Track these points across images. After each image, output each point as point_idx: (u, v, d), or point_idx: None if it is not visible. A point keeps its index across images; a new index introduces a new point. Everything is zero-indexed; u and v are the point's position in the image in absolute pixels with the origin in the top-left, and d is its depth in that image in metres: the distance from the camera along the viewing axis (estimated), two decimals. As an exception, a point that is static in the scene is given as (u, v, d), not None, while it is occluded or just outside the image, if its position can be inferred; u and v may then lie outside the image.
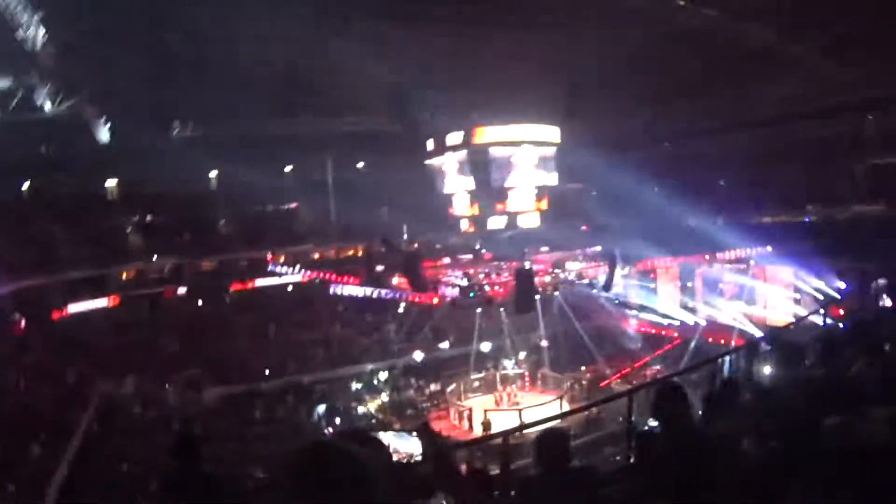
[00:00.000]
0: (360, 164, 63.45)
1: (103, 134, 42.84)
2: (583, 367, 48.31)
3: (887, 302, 29.99)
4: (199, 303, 56.31)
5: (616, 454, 22.69)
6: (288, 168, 63.57)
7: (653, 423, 6.78)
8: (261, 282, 58.30)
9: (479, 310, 48.96)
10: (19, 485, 29.19)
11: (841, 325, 18.22)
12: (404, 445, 30.38)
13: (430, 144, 49.39)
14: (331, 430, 42.08)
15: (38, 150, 46.64)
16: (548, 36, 41.79)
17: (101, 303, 51.47)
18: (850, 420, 4.98)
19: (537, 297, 46.99)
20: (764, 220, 50.56)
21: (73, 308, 49.59)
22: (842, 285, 43.61)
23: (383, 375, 49.75)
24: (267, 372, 49.26)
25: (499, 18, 40.79)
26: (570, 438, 6.59)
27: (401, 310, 54.50)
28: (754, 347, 12.32)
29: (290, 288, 58.70)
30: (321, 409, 45.51)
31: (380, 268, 52.42)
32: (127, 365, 45.36)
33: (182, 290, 55.68)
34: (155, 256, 55.94)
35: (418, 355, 50.54)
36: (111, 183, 57.49)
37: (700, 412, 7.60)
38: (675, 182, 48.83)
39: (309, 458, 2.32)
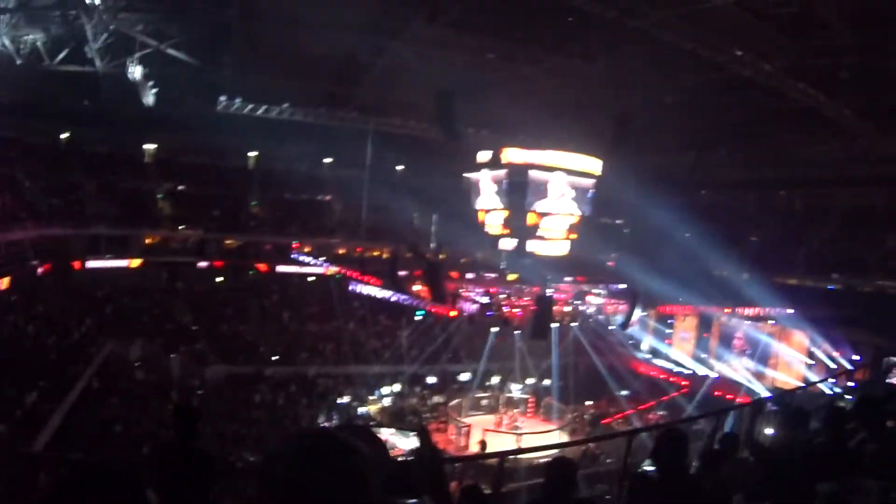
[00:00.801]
0: (400, 167, 63.52)
1: (149, 97, 43.10)
2: (588, 402, 48.17)
3: (896, 380, 29.84)
4: (218, 279, 56.44)
5: (608, 492, 22.66)
6: (327, 160, 63.89)
7: (649, 466, 6.79)
8: (282, 268, 58.25)
9: (494, 329, 48.93)
10: (12, 427, 29.44)
11: (848, 396, 18.25)
12: (401, 444, 30.50)
13: (471, 158, 49.35)
14: (328, 423, 41.96)
15: (82, 103, 47.03)
16: (602, 68, 41.87)
17: (122, 263, 51.67)
18: (844, 489, 5.01)
19: (554, 325, 46.91)
20: (789, 282, 50.32)
21: (93, 264, 49.91)
22: (855, 357, 43.51)
23: (389, 380, 49.51)
24: (274, 358, 49.26)
25: (557, 44, 40.83)
26: (577, 469, 6.60)
27: (417, 317, 54.44)
28: (759, 406, 12.28)
29: (310, 278, 58.70)
30: (324, 403, 45.58)
31: (402, 273, 52.45)
32: (136, 328, 45.86)
33: (203, 264, 55.73)
34: (182, 226, 56.09)
35: (431, 374, 50.55)
36: (149, 146, 57.97)
37: (697, 463, 7.62)
38: (707, 230, 48.65)
39: (306, 446, 2.26)
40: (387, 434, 34.68)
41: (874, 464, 6.13)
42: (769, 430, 10.37)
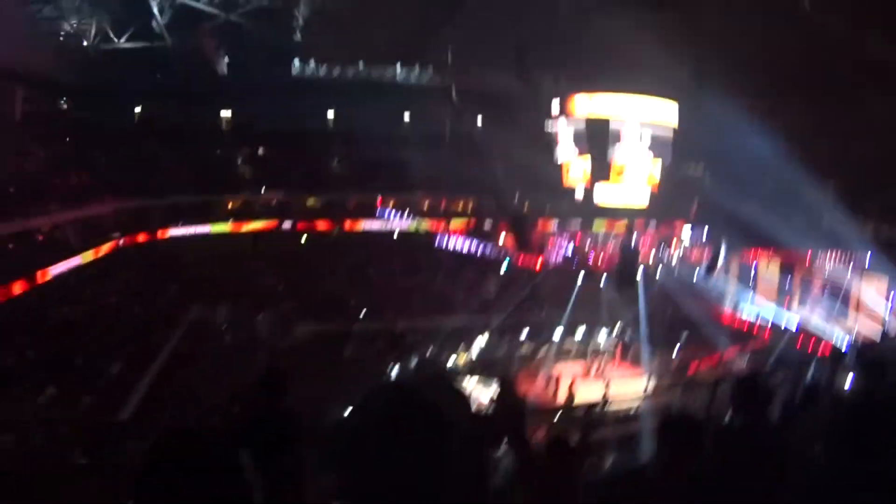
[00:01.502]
0: (480, 120, 63.19)
1: (222, 66, 43.46)
2: (673, 350, 47.84)
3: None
4: (303, 239, 57.00)
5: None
6: (407, 116, 63.88)
7: (731, 417, 6.75)
8: (367, 224, 58.64)
9: (580, 278, 48.80)
10: (98, 398, 30.16)
11: None
12: (483, 395, 30.69)
13: (548, 109, 49.01)
14: (412, 377, 42.16)
15: (154, 78, 47.38)
16: (679, 13, 41.37)
17: (205, 229, 52.57)
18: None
19: (639, 273, 46.67)
20: (872, 227, 49.03)
21: (175, 232, 50.88)
22: None
23: (476, 332, 49.68)
24: (362, 314, 49.77)
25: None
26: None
27: (503, 269, 54.48)
28: (840, 357, 12.09)
29: (395, 234, 59.04)
30: (411, 357, 45.79)
31: (488, 224, 52.48)
32: (222, 292, 46.59)
33: (287, 225, 56.22)
34: (264, 189, 56.83)
35: (518, 324, 50.45)
36: (226, 114, 58.66)
37: (778, 414, 7.60)
38: (789, 176, 47.70)
39: (387, 401, 2.35)
40: (470, 385, 35.02)
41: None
42: (849, 382, 10.26)
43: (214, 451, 2.32)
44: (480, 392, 32.65)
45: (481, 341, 48.49)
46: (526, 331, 49.86)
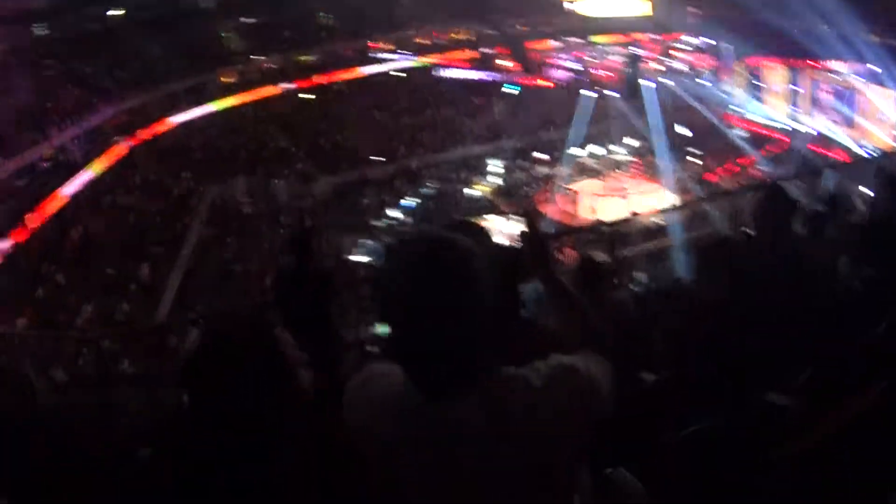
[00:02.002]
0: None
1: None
2: (690, 158, 47.62)
3: None
4: (305, 96, 56.38)
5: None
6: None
7: (755, 228, 6.73)
8: (366, 69, 57.91)
9: (588, 94, 48.49)
10: (133, 303, 30.60)
11: None
12: (506, 229, 30.95)
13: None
14: (438, 217, 42.35)
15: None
16: None
17: (206, 109, 51.75)
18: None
19: (647, 83, 46.34)
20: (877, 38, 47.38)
21: (177, 119, 49.97)
22: None
23: (491, 158, 49.76)
24: (375, 158, 49.71)
25: None
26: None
27: (509, 92, 54.19)
28: (858, 166, 11.97)
29: (395, 73, 58.55)
30: (428, 192, 45.91)
31: (487, 51, 52.01)
32: (235, 166, 46.72)
33: (286, 86, 55.46)
34: (255, 55, 56.17)
35: (532, 145, 50.29)
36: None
37: (801, 224, 7.63)
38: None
39: (413, 250, 2.40)
40: (491, 223, 35.28)
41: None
42: (868, 192, 10.21)
43: (254, 332, 2.43)
44: (504, 226, 32.87)
45: (497, 168, 48.49)
46: (541, 150, 49.77)
